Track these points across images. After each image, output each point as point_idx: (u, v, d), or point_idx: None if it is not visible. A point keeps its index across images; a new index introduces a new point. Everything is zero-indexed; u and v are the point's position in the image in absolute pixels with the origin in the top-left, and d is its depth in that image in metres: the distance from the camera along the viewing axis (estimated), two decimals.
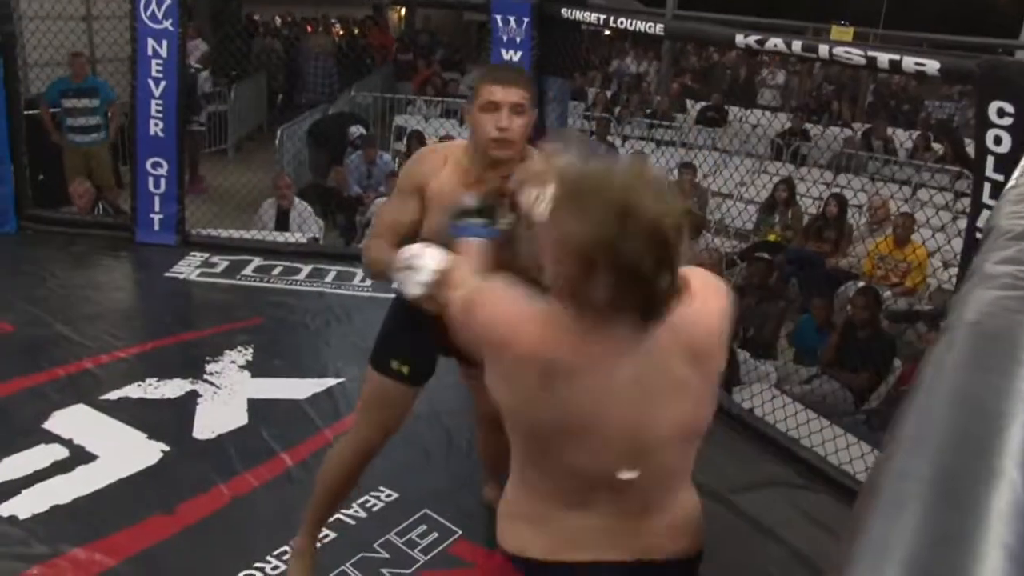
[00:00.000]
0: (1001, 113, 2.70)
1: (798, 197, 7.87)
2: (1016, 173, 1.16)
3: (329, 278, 5.22)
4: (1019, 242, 0.79)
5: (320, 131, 9.62)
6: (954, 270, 5.21)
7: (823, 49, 3.27)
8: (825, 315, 5.65)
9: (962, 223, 6.99)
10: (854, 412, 4.86)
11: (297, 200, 6.92)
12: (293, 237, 6.27)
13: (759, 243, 7.39)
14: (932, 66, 2.94)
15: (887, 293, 6.40)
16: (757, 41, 3.59)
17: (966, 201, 7.78)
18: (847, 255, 7.29)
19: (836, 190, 8.24)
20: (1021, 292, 0.67)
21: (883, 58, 3.08)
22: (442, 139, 8.37)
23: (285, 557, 2.75)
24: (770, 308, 5.89)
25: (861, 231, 7.56)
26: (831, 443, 3.70)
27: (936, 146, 10.19)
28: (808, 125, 10.71)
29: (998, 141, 2.74)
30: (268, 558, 2.76)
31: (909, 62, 3.00)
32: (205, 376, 3.88)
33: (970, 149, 9.17)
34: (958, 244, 3.91)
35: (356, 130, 9.22)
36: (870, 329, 5.15)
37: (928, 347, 0.62)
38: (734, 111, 11.38)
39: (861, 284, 6.29)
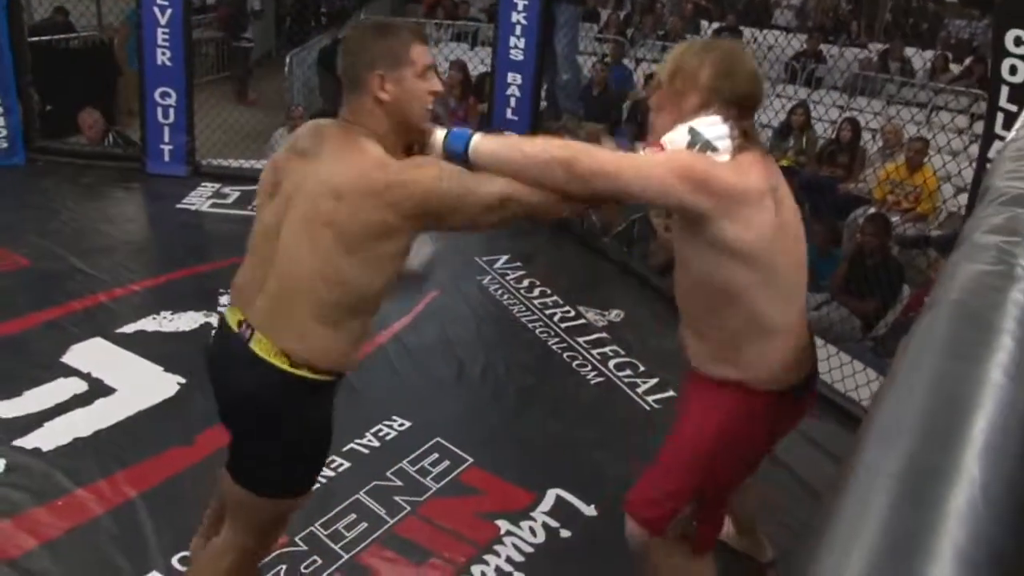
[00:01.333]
0: (1018, 42, 2.65)
1: (812, 121, 7.78)
2: (1018, 124, 1.14)
3: None
4: (1011, 208, 0.80)
5: (330, 57, 9.50)
6: (965, 196, 5.16)
7: None
8: (826, 241, 5.61)
9: (976, 149, 6.93)
10: (861, 339, 4.88)
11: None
12: None
13: None
14: None
15: (897, 219, 6.37)
16: None
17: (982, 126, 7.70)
18: (860, 180, 7.23)
19: (851, 114, 8.15)
20: (1004, 267, 0.68)
21: None
22: (453, 64, 8.27)
23: None
24: None
25: (873, 156, 7.48)
26: (838, 371, 3.73)
27: (954, 67, 10.00)
28: (824, 46, 10.50)
29: (1013, 71, 2.70)
30: None
31: None
32: (219, 308, 3.92)
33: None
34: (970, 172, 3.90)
35: None
36: (879, 256, 5.13)
37: (915, 323, 0.64)
38: (749, 32, 11.16)
39: (872, 210, 6.26)
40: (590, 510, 2.86)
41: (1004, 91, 2.76)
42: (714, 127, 1.79)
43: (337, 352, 1.84)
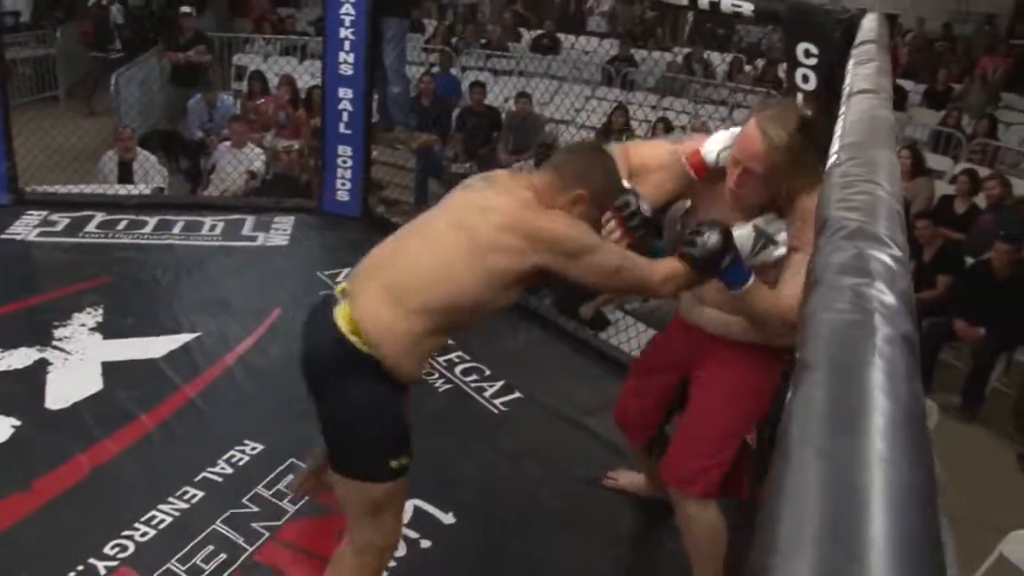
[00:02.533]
0: (808, 54, 2.76)
1: (630, 121, 7.98)
2: (834, 147, 1.15)
3: (177, 229, 4.95)
4: (854, 241, 0.79)
5: (183, 75, 8.80)
6: None
7: None
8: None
9: None
10: None
11: (139, 150, 6.50)
12: (137, 189, 5.90)
13: None
14: (747, 7, 2.99)
15: None
16: None
17: None
18: None
19: (662, 113, 8.40)
20: (863, 316, 0.66)
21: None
22: (282, 79, 8.01)
23: (154, 522, 2.64)
24: None
25: None
26: None
27: (748, 68, 10.50)
28: (634, 50, 10.80)
29: (805, 79, 2.81)
30: (136, 525, 2.63)
31: (727, 3, 3.04)
32: (54, 342, 3.64)
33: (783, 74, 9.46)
34: None
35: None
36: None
37: (793, 389, 0.61)
38: (565, 39, 11.36)
39: (688, 203, 6.44)
40: (448, 518, 2.80)
41: (799, 99, 2.87)
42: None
43: (408, 351, 1.90)
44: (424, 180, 6.53)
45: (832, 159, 1.10)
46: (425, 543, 2.67)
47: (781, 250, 1.91)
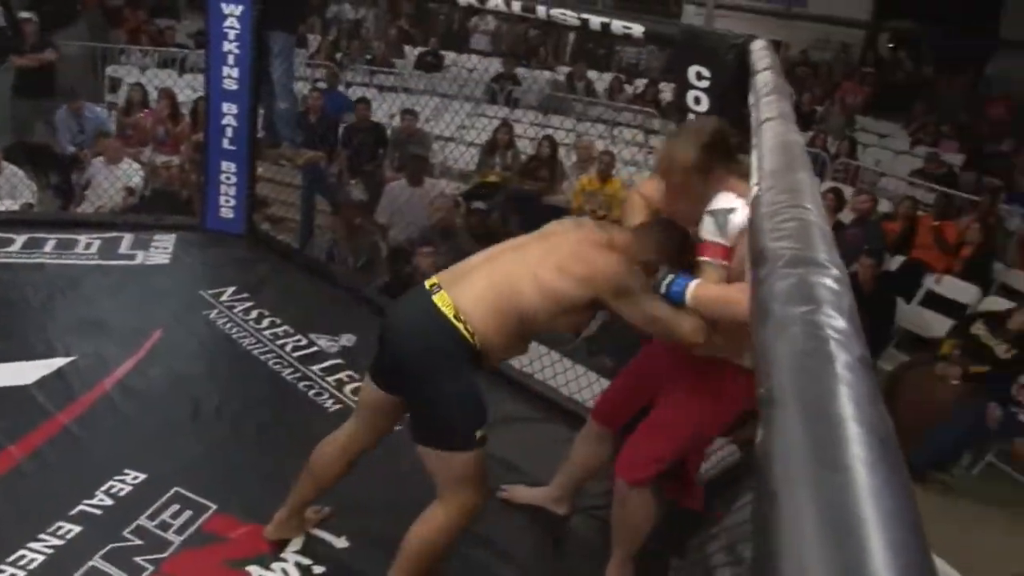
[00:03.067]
0: (699, 76, 2.80)
1: (515, 138, 8.01)
2: (754, 179, 1.14)
3: (48, 247, 4.64)
4: (795, 268, 0.76)
5: (29, 85, 8.28)
6: None
7: (541, 10, 3.25)
8: None
9: (653, 160, 7.42)
10: (574, 340, 5.01)
11: (5, 164, 6.10)
12: (3, 205, 5.53)
13: (480, 184, 7.44)
14: (637, 30, 3.01)
15: None
16: (479, 0, 3.52)
17: (656, 140, 8.26)
18: (560, 192, 7.51)
19: (547, 131, 8.46)
20: (817, 344, 0.64)
21: (595, 21, 3.12)
22: (162, 92, 7.69)
23: (22, 562, 2.43)
24: None
25: (570, 169, 7.81)
26: (562, 375, 3.78)
27: (627, 87, 10.70)
28: (519, 69, 10.87)
29: (697, 101, 2.85)
30: (2, 567, 2.42)
31: (618, 25, 3.06)
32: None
33: (664, 95, 9.68)
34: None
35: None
36: None
37: (764, 426, 0.58)
38: (450, 56, 11.33)
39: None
40: (341, 541, 2.70)
41: (690, 119, 2.90)
42: (719, 199, 2.11)
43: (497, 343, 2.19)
44: (310, 197, 6.36)
45: (755, 188, 1.08)
46: (318, 569, 2.56)
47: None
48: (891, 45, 15.89)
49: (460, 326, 2.12)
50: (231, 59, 4.75)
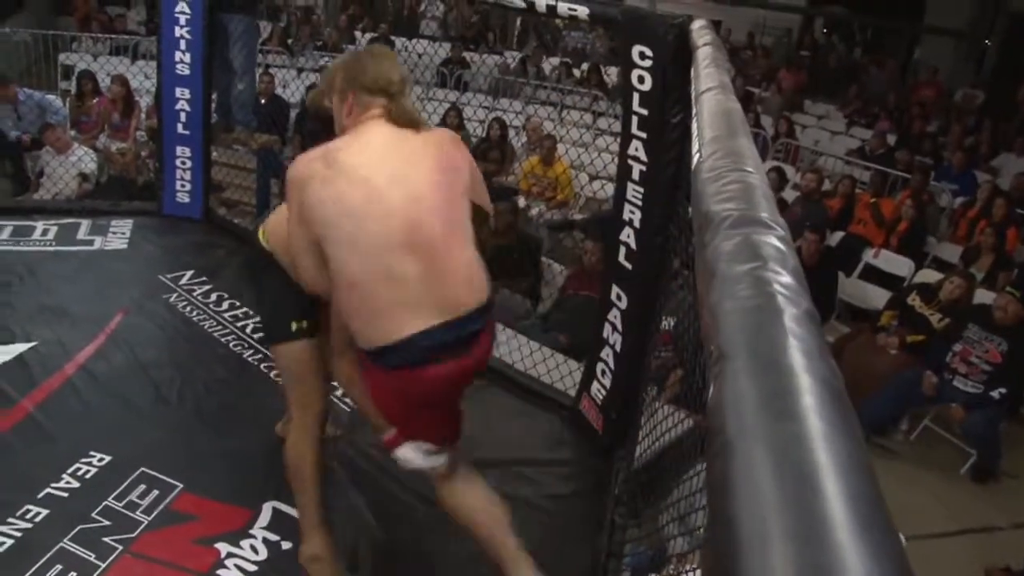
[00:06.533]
0: (642, 56, 2.82)
1: (465, 122, 7.97)
2: (695, 147, 1.16)
3: (5, 234, 4.54)
4: (739, 229, 0.78)
5: None
6: (599, 183, 5.48)
7: None
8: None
9: (601, 141, 7.46)
10: (528, 317, 5.04)
11: None
12: None
13: None
14: (583, 12, 3.02)
15: (542, 207, 6.72)
16: None
17: (603, 122, 8.30)
18: (510, 173, 7.52)
19: (496, 114, 8.44)
20: (764, 300, 0.66)
21: (541, 3, 3.12)
22: (114, 79, 7.51)
23: None
24: None
25: (520, 151, 7.82)
26: (517, 352, 3.81)
27: (575, 71, 10.71)
28: (468, 54, 10.82)
29: (641, 80, 2.86)
30: None
31: (563, 7, 3.06)
32: None
33: (607, 77, 9.71)
34: (604, 160, 4.21)
35: None
36: (512, 234, 5.32)
37: (715, 381, 0.59)
38: (400, 42, 11.22)
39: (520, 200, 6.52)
40: None
41: (636, 97, 2.93)
42: None
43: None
44: (265, 181, 6.28)
45: (696, 156, 1.10)
46: (286, 544, 2.56)
47: None
48: (825, 30, 16.16)
49: (262, 238, 2.31)
50: (183, 44, 4.67)
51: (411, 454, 2.13)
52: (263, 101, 7.35)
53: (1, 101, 6.86)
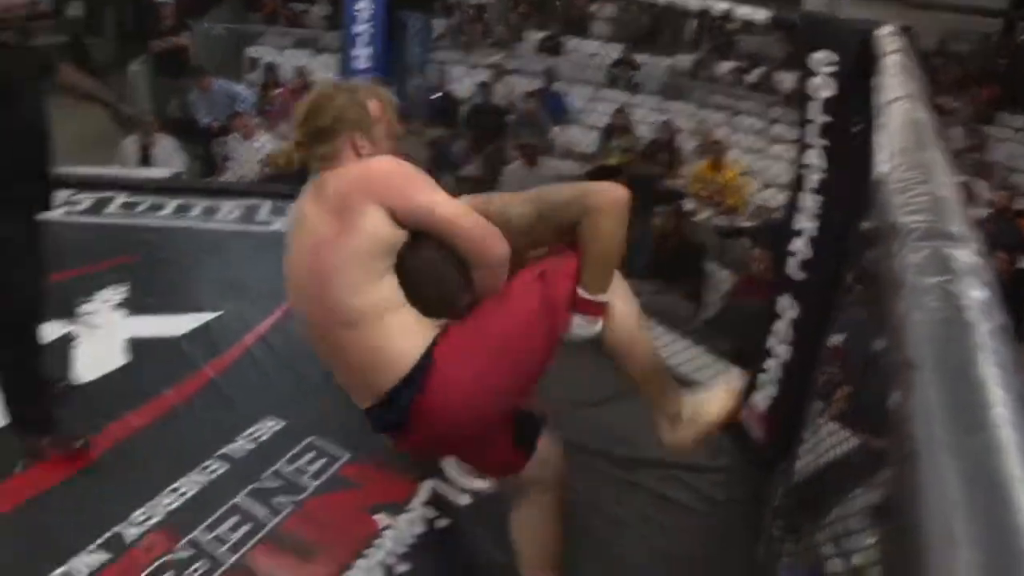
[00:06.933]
0: (823, 62, 2.74)
1: (635, 123, 7.97)
2: (882, 156, 1.13)
3: (195, 212, 4.92)
4: (928, 243, 0.77)
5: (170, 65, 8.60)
6: (771, 191, 5.38)
7: None
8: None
9: (774, 148, 7.28)
10: (690, 321, 4.98)
11: (161, 135, 6.45)
12: (158, 172, 5.87)
13: (600, 166, 7.43)
14: (761, 16, 2.97)
15: (711, 212, 6.63)
16: None
17: (778, 128, 8.09)
18: (680, 176, 7.45)
19: (666, 116, 8.38)
20: (953, 313, 0.65)
21: (717, 7, 3.09)
22: (296, 69, 7.95)
23: (177, 493, 2.62)
24: None
25: (689, 155, 7.73)
26: (679, 355, 3.79)
27: (747, 77, 10.45)
28: (638, 55, 10.77)
29: (821, 87, 2.78)
30: (161, 497, 2.61)
31: (741, 11, 3.02)
32: (78, 317, 3.62)
33: (782, 84, 9.42)
34: (777, 167, 4.10)
35: None
36: (676, 237, 5.25)
37: (900, 390, 0.59)
38: (572, 42, 11.32)
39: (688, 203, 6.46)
40: (464, 498, 2.78)
41: (815, 104, 2.84)
42: None
43: None
44: (433, 172, 6.49)
45: (882, 166, 1.08)
46: (441, 523, 2.66)
47: None
48: None
49: None
50: (364, 39, 4.91)
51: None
52: (435, 96, 7.62)
53: (200, 91, 7.43)
